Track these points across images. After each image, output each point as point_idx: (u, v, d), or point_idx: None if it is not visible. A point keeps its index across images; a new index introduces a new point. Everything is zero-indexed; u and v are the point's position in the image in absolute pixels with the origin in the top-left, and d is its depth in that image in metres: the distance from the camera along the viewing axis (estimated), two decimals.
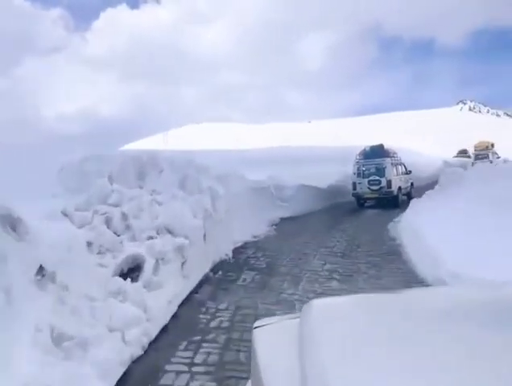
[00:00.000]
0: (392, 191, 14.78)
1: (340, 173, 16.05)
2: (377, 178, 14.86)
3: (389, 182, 14.72)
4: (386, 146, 15.95)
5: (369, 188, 14.95)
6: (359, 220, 11.64)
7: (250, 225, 8.58)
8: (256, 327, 1.41)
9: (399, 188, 15.13)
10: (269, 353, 1.21)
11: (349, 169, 15.17)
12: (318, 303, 1.37)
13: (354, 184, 15.38)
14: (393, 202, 14.69)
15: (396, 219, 9.77)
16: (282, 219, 10.88)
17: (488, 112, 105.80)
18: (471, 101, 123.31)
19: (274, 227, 9.88)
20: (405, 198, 15.01)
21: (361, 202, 15.54)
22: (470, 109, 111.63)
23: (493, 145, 29.35)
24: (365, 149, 15.97)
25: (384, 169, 14.86)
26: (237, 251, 7.16)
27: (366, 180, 15.05)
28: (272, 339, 1.30)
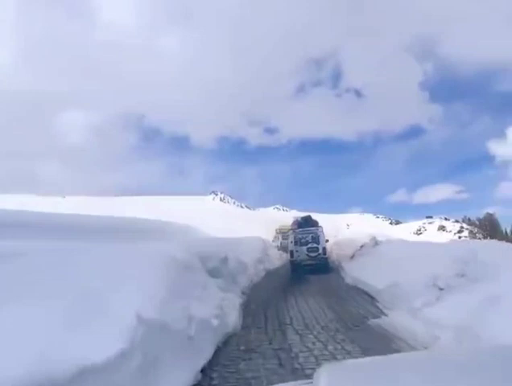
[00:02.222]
0: (326, 258, 15.99)
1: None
2: (315, 245, 15.64)
3: (324, 249, 15.82)
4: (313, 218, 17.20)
5: (307, 255, 15.55)
6: None
7: None
8: None
9: (328, 254, 16.24)
10: None
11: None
12: (330, 368, 1.32)
13: (292, 252, 15.97)
14: (325, 267, 15.52)
15: None
16: None
17: (234, 203, 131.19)
18: (221, 193, 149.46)
19: None
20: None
21: (296, 268, 15.63)
22: (221, 200, 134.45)
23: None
24: (297, 220, 17.29)
25: (318, 237, 15.86)
26: None
27: (305, 247, 15.65)
28: None
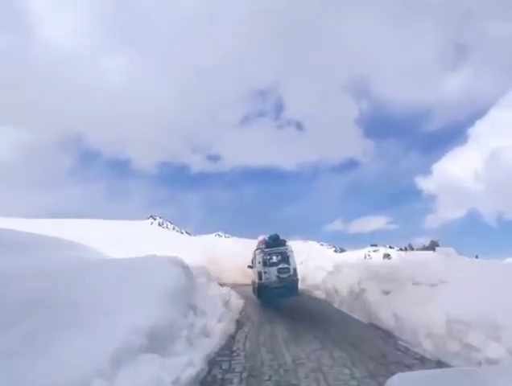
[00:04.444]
0: (297, 279, 14.79)
1: None
2: (286, 265, 14.50)
3: (294, 270, 14.69)
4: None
5: (278, 276, 14.26)
6: None
7: None
8: None
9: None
10: None
11: None
12: (401, 378, 1.23)
13: (260, 273, 14.38)
14: (295, 290, 14.42)
15: None
16: None
17: (174, 229, 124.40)
18: (160, 218, 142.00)
19: None
20: None
21: (264, 293, 14.10)
22: (159, 225, 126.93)
23: None
24: (265, 239, 15.78)
25: (288, 257, 14.80)
26: None
27: (275, 268, 14.36)
28: None
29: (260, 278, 14.35)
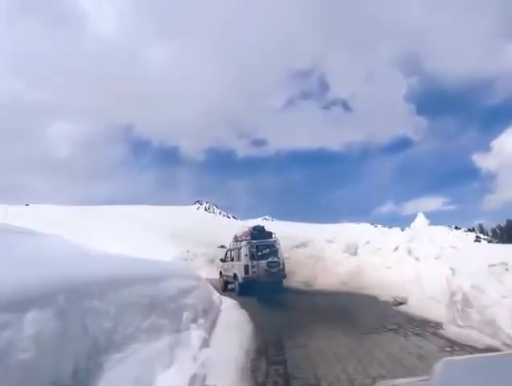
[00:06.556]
0: (285, 274, 13.63)
1: None
2: (276, 259, 13.24)
3: (283, 264, 13.54)
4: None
5: (267, 271, 12.97)
6: None
7: None
8: None
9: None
10: None
11: None
12: (447, 363, 1.23)
13: (247, 267, 13.03)
14: (281, 285, 13.33)
15: None
16: None
17: (220, 213, 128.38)
18: (206, 202, 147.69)
19: None
20: None
21: (252, 287, 12.57)
22: (206, 209, 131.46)
23: None
24: (250, 230, 14.45)
25: (277, 251, 13.59)
26: None
27: (265, 262, 13.08)
28: None
29: (246, 272, 13.08)
